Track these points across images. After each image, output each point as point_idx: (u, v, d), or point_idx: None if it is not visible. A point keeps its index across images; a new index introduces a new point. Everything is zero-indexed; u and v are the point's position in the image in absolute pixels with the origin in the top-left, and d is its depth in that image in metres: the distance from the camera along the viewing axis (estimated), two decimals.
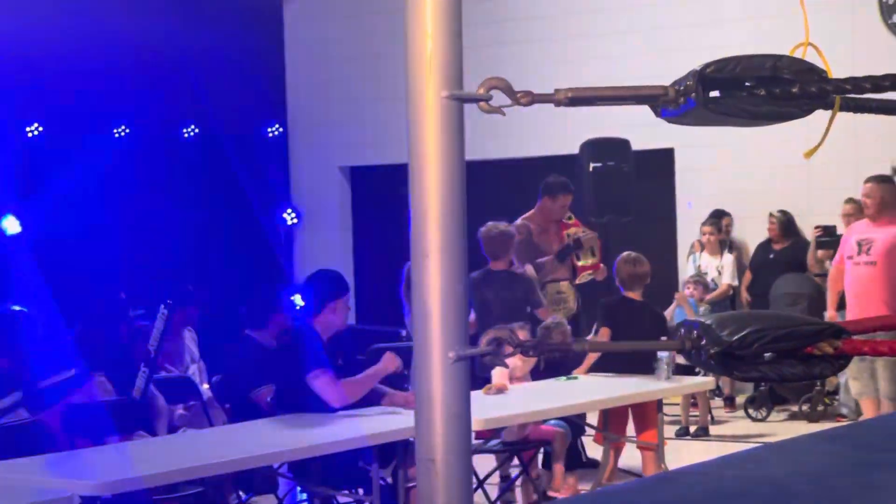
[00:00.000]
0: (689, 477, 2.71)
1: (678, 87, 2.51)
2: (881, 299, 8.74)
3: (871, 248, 8.97)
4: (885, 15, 11.98)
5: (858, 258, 9.02)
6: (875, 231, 9.04)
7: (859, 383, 9.00)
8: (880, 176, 9.39)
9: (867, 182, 9.27)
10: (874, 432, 3.28)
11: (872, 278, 8.86)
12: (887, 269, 8.85)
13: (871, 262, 8.92)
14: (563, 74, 12.44)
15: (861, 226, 9.30)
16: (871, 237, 9.02)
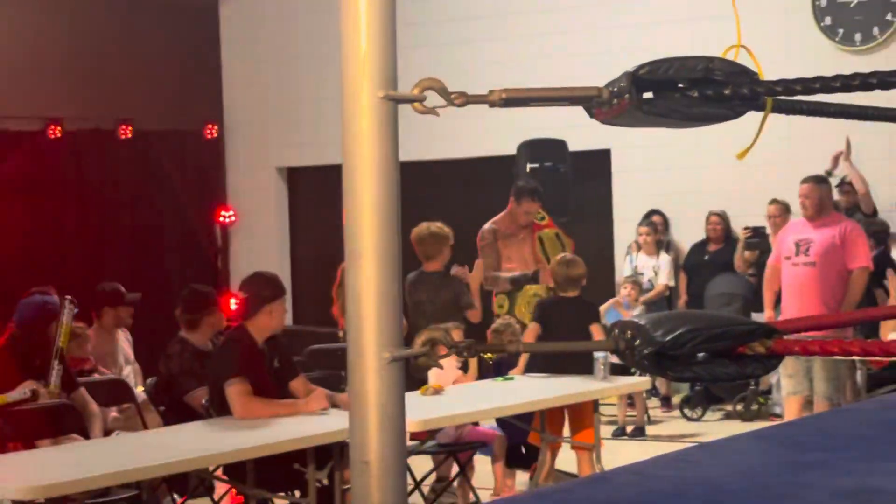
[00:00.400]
0: (623, 477, 2.72)
1: (612, 88, 2.52)
2: (820, 299, 8.81)
3: (810, 248, 8.99)
4: (817, 18, 12.10)
5: (797, 258, 9.04)
6: (813, 231, 9.07)
7: (793, 381, 9.03)
8: (817, 176, 9.43)
9: (805, 182, 9.30)
10: (806, 431, 3.31)
11: (811, 278, 8.88)
12: (826, 269, 8.89)
13: (811, 262, 8.94)
14: (499, 75, 12.47)
15: (798, 226, 9.35)
16: (809, 237, 9.05)
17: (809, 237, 9.05)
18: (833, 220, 9.18)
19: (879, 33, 11.86)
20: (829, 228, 9.04)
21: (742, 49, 2.76)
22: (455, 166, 13.94)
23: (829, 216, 9.15)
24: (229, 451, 5.81)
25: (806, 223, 9.21)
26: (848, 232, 9.09)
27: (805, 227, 9.19)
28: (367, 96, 2.34)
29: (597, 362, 7.59)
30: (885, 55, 11.75)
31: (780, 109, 2.97)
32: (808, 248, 8.99)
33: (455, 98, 2.42)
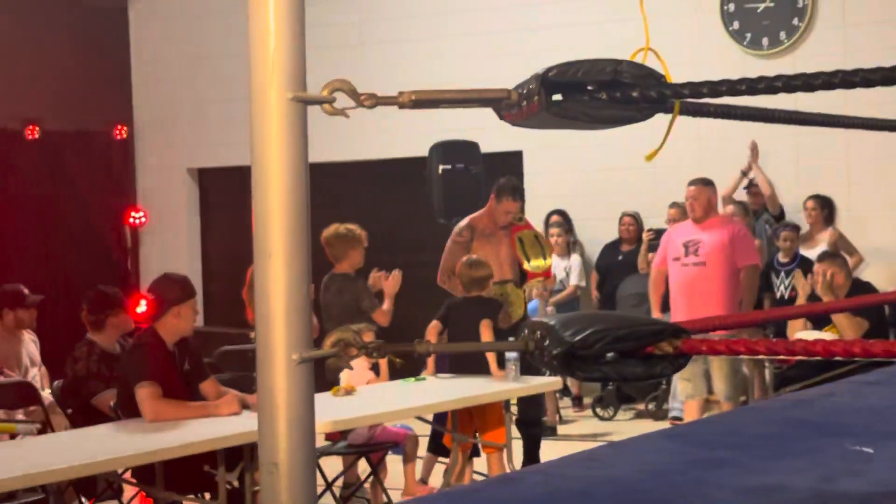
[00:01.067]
0: (532, 476, 2.73)
1: (521, 90, 2.53)
2: (709, 298, 8.92)
3: (699, 248, 9.14)
4: (725, 22, 12.24)
5: (686, 259, 9.18)
6: (700, 233, 9.21)
7: (690, 385, 9.12)
8: (704, 179, 9.56)
9: (692, 185, 9.45)
10: (714, 429, 3.34)
11: (701, 277, 9.04)
12: (716, 268, 9.05)
13: (700, 262, 9.10)
14: (410, 76, 12.50)
15: (684, 228, 9.47)
16: (697, 238, 9.19)
17: (698, 238, 9.19)
18: (720, 221, 9.38)
19: (786, 38, 12.03)
20: (717, 229, 9.20)
21: (650, 52, 2.78)
22: (368, 167, 13.95)
23: (715, 217, 9.35)
24: (138, 454, 5.76)
25: (693, 225, 9.34)
26: (736, 232, 9.28)
27: (692, 229, 9.32)
28: (275, 97, 2.33)
29: (508, 362, 7.63)
30: (792, 59, 11.92)
31: (688, 112, 3.00)
32: (697, 249, 9.14)
33: (365, 99, 2.41)
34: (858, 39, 11.66)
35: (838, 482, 2.47)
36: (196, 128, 14.58)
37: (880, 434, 3.01)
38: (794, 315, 4.63)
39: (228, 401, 6.45)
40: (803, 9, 11.94)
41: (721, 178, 11.75)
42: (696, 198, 9.31)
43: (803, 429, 3.18)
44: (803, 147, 11.93)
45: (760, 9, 12.12)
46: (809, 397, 3.85)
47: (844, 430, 3.10)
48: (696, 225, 9.31)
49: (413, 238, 13.79)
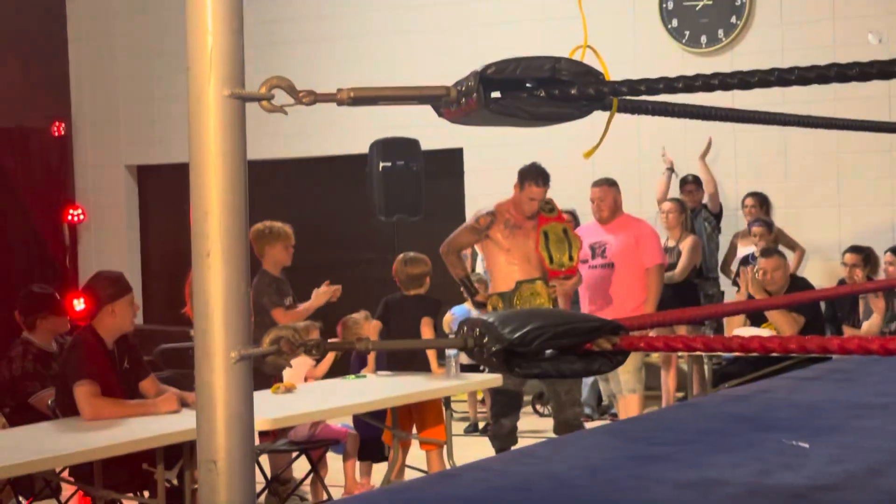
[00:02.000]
0: (472, 473, 2.73)
1: (460, 87, 2.53)
2: (618, 299, 8.96)
3: (606, 250, 9.08)
4: (664, 20, 12.30)
5: (594, 261, 9.10)
6: (607, 234, 9.15)
7: (607, 385, 9.10)
8: (608, 179, 9.47)
9: (597, 186, 9.38)
10: (652, 425, 3.36)
11: (610, 280, 9.01)
12: (624, 269, 9.02)
13: (608, 263, 9.05)
14: (351, 73, 12.47)
15: (591, 230, 9.34)
16: (604, 240, 9.13)
17: (604, 240, 9.13)
18: (626, 221, 9.29)
19: (724, 36, 12.10)
20: (624, 231, 9.14)
21: (588, 49, 2.79)
22: (309, 165, 13.91)
23: (621, 217, 9.27)
24: (76, 452, 5.71)
25: (598, 226, 9.27)
26: (643, 232, 9.21)
27: (599, 231, 9.24)
28: (213, 94, 2.32)
29: (448, 359, 7.65)
30: (730, 57, 12.00)
31: (626, 109, 3.01)
32: (605, 251, 9.08)
33: (303, 97, 2.41)
34: (795, 38, 11.77)
35: (774, 476, 2.49)
36: (135, 125, 14.49)
37: (816, 429, 3.04)
38: (732, 312, 4.66)
39: (167, 399, 6.41)
40: (741, 7, 12.03)
41: (660, 174, 11.85)
42: (603, 199, 9.23)
43: (741, 424, 3.21)
44: (742, 144, 12.02)
45: (699, 7, 12.20)
46: (747, 393, 3.89)
47: (781, 425, 3.13)
48: (602, 226, 9.23)
49: (354, 236, 13.78)
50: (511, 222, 8.38)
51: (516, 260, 8.28)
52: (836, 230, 11.63)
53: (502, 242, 8.31)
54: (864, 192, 11.62)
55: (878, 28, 11.32)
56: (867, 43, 11.29)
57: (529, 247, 8.30)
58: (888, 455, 2.69)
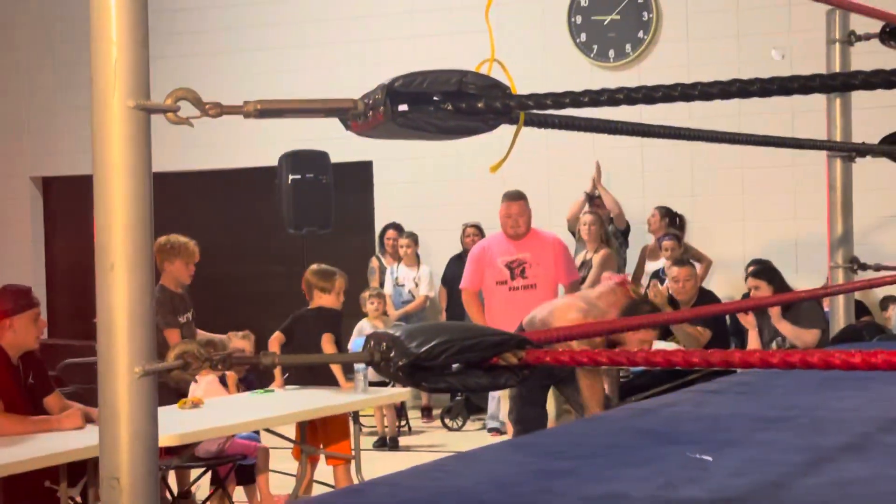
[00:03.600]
0: (377, 488, 2.72)
1: (367, 100, 2.53)
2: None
3: (526, 269, 8.69)
4: (573, 34, 12.39)
5: (514, 282, 8.69)
6: (521, 252, 8.73)
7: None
8: (519, 192, 9.05)
9: (513, 200, 8.88)
10: (560, 440, 3.37)
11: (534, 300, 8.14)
12: (547, 290, 8.67)
13: (530, 284, 8.65)
14: (258, 85, 12.45)
15: (501, 245, 8.86)
16: (520, 258, 8.72)
17: (520, 258, 8.71)
18: (538, 237, 8.91)
19: (632, 50, 12.23)
20: (539, 247, 8.76)
21: (496, 63, 2.80)
22: (218, 177, 13.84)
23: (532, 232, 8.89)
24: None
25: (509, 242, 8.80)
26: (557, 249, 8.86)
27: (509, 247, 8.78)
28: (117, 105, 2.30)
29: (357, 374, 7.62)
30: (638, 71, 12.12)
31: (533, 123, 3.02)
32: (524, 270, 8.69)
33: (209, 109, 2.39)
34: (701, 53, 11.91)
35: (678, 490, 2.51)
36: (40, 136, 14.32)
37: (719, 442, 3.07)
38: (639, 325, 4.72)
39: (71, 415, 6.32)
40: (648, 22, 12.16)
41: (568, 187, 11.92)
42: (521, 214, 8.81)
43: (646, 438, 3.23)
44: (649, 159, 12.13)
45: (607, 21, 12.31)
46: (653, 406, 3.91)
47: (685, 439, 3.15)
48: (514, 241, 8.80)
49: (263, 249, 13.72)
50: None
51: None
52: (741, 244, 11.77)
53: None
54: (768, 207, 11.77)
55: (782, 45, 11.49)
56: (771, 59, 11.45)
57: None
58: (790, 468, 2.72)
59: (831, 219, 5.77)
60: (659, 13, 12.14)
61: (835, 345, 5.65)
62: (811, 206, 10.89)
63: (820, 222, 6.00)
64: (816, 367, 2.22)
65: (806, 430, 3.28)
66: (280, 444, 7.97)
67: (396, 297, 12.14)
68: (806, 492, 2.49)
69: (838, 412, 3.58)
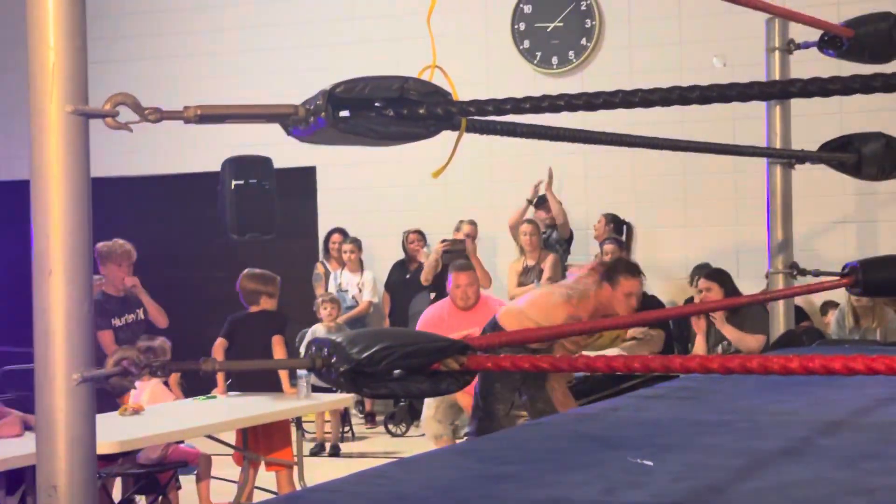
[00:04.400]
0: (320, 494, 2.71)
1: (308, 106, 2.52)
2: None
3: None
4: (516, 41, 12.42)
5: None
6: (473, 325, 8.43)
7: (442, 426, 8.61)
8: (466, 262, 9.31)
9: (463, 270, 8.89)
10: (502, 445, 3.38)
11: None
12: None
13: None
14: (201, 91, 12.39)
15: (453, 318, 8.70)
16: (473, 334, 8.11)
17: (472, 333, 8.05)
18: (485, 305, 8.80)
19: (575, 57, 12.26)
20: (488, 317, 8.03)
21: (437, 69, 2.80)
22: (160, 182, 13.75)
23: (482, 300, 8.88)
24: None
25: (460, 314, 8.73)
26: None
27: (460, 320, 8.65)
28: (55, 111, 2.28)
29: (300, 380, 7.60)
30: (581, 78, 12.16)
31: (475, 129, 3.03)
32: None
33: (149, 114, 2.37)
34: (644, 60, 11.97)
35: (619, 494, 2.52)
36: None
37: (660, 447, 3.08)
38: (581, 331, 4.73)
39: (9, 422, 6.26)
40: (591, 29, 12.20)
41: (511, 194, 11.94)
42: (471, 284, 8.76)
43: (588, 442, 3.24)
44: (592, 166, 12.17)
45: (550, 28, 12.34)
46: (595, 412, 3.92)
47: (627, 444, 3.17)
48: (465, 312, 8.65)
49: (205, 255, 13.65)
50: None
51: None
52: (683, 250, 11.83)
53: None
54: (710, 213, 11.84)
55: (723, 52, 11.57)
56: (712, 66, 11.53)
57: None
58: (730, 472, 2.74)
59: (771, 225, 5.82)
60: (602, 20, 12.19)
61: (774, 350, 5.69)
62: (752, 213, 10.96)
63: (761, 228, 6.05)
64: (756, 372, 2.23)
65: (746, 435, 3.31)
66: (223, 451, 7.93)
67: (340, 303, 12.11)
68: (746, 496, 2.51)
69: (778, 416, 3.60)
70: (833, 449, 3.04)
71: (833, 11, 9.97)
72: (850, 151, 5.51)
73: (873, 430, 3.32)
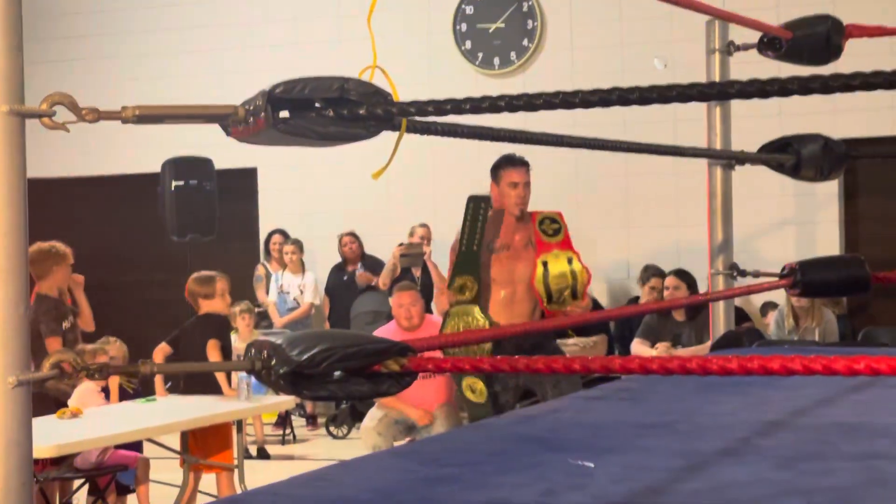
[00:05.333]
0: (259, 498, 2.70)
1: (248, 106, 2.51)
2: None
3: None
4: (458, 42, 12.43)
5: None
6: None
7: (382, 440, 8.40)
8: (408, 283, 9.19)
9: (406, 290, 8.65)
10: (443, 447, 3.37)
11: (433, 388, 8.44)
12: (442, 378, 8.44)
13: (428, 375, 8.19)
14: (139, 91, 12.31)
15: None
16: None
17: None
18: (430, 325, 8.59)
19: (517, 58, 12.29)
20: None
21: (378, 70, 2.80)
22: (101, 183, 13.65)
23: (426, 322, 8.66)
24: None
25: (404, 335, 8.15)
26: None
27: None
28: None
29: (241, 382, 7.56)
30: (523, 79, 12.19)
31: (416, 130, 3.02)
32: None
33: (86, 114, 2.35)
34: (585, 62, 12.01)
35: (560, 496, 2.52)
36: None
37: (601, 448, 3.08)
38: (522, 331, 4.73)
39: None
40: (533, 30, 12.23)
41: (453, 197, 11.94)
42: (414, 304, 8.50)
43: (529, 444, 3.24)
44: (533, 166, 12.17)
45: (492, 29, 12.36)
46: (536, 413, 3.93)
47: (567, 445, 3.17)
48: (409, 333, 8.16)
49: (146, 256, 13.56)
50: (501, 243, 6.91)
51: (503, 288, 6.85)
52: (625, 251, 11.88)
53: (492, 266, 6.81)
54: (651, 214, 11.90)
55: (664, 54, 11.63)
56: (653, 68, 11.59)
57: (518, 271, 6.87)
58: (670, 473, 2.75)
59: (712, 226, 5.85)
60: (544, 22, 12.22)
61: (715, 351, 5.72)
62: (693, 214, 11.04)
63: (701, 229, 6.07)
64: (695, 372, 2.24)
65: (685, 436, 3.32)
66: (163, 455, 7.87)
67: (281, 305, 12.07)
68: (685, 497, 2.52)
69: (717, 417, 3.62)
70: (771, 449, 3.05)
71: (772, 14, 10.03)
72: (789, 153, 5.55)
73: (811, 430, 3.34)
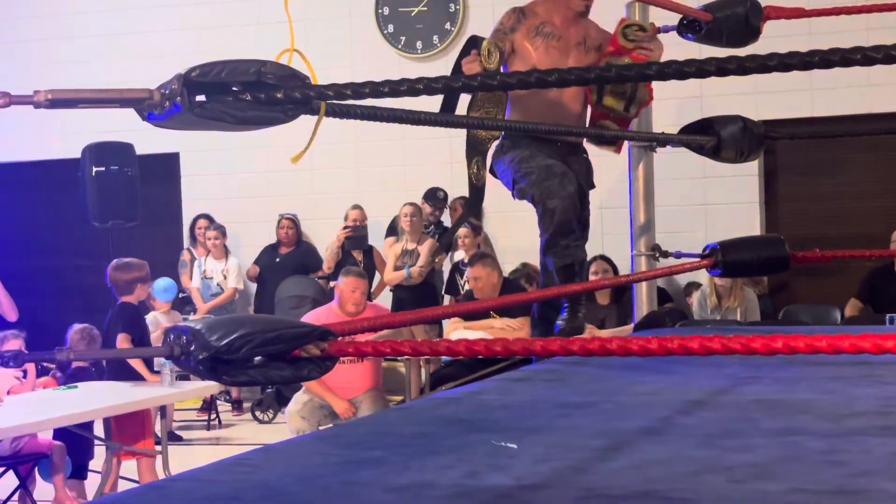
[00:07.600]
0: (181, 483, 2.68)
1: (163, 90, 2.49)
2: None
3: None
4: (380, 25, 12.40)
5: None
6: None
7: (306, 423, 8.50)
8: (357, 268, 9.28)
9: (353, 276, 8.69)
10: (366, 430, 3.36)
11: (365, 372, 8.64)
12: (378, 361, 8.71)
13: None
14: (55, 76, 12.18)
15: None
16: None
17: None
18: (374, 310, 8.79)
19: (439, 41, 12.28)
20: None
21: (296, 54, 2.77)
22: (21, 169, 13.50)
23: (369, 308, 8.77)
24: None
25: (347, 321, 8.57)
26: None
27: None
28: None
29: (164, 367, 7.52)
30: (446, 62, 12.15)
31: (335, 114, 3.01)
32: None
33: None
34: None
35: (483, 477, 2.52)
36: None
37: (524, 429, 3.09)
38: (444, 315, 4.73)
39: None
40: (455, 14, 12.22)
41: (377, 178, 11.93)
42: (357, 288, 8.54)
43: (452, 426, 3.24)
44: (457, 149, 12.18)
45: (414, 13, 12.34)
46: (460, 395, 3.93)
47: (491, 427, 3.17)
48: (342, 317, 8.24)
49: (67, 242, 13.42)
50: (545, 28, 5.43)
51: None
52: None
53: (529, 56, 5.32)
54: None
55: None
56: None
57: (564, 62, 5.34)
58: (592, 452, 2.76)
59: (634, 208, 5.88)
60: (465, 5, 12.22)
61: (637, 331, 5.76)
62: (615, 196, 11.09)
63: (623, 211, 6.11)
64: (616, 353, 2.25)
65: (608, 415, 3.33)
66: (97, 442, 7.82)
67: (205, 290, 12.01)
68: (607, 475, 2.53)
69: (639, 396, 3.64)
70: (693, 428, 3.07)
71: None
72: (709, 134, 5.59)
73: (732, 408, 3.37)
